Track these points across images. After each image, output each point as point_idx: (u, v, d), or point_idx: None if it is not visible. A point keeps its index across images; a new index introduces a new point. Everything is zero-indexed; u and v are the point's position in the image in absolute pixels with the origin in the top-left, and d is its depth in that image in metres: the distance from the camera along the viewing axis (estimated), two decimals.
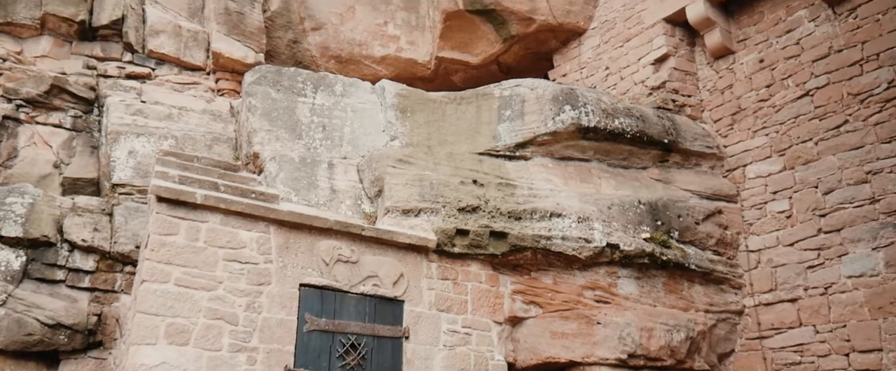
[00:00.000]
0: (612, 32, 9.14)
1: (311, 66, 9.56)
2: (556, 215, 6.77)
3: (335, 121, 7.51)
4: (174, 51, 8.38)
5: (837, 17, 6.93)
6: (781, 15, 7.50)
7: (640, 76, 8.59)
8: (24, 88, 7.10)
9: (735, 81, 7.88)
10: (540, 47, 9.91)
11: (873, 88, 6.49)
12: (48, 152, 7.03)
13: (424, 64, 9.90)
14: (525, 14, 9.39)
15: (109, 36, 8.14)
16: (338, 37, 9.57)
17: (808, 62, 7.11)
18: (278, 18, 9.39)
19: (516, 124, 7.51)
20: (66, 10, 7.77)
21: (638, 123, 7.59)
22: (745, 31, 7.88)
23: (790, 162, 7.11)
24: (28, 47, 7.65)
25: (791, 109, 7.19)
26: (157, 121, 7.33)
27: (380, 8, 9.74)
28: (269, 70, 7.72)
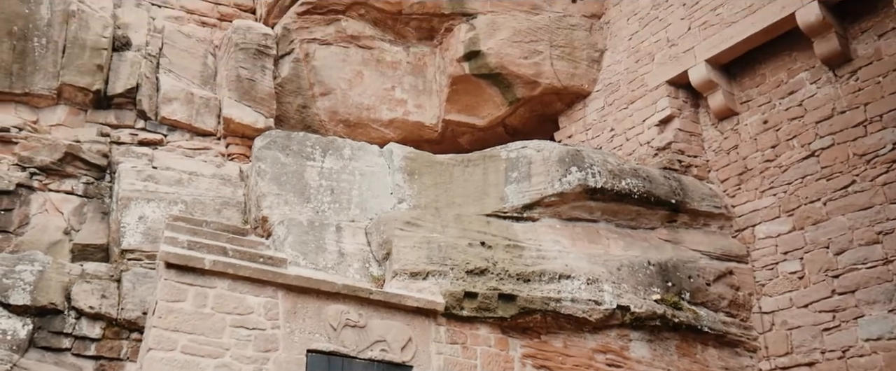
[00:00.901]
0: (617, 95, 9.28)
1: (320, 130, 9.71)
2: (565, 277, 6.72)
3: (343, 184, 7.57)
4: (186, 117, 8.55)
5: (838, 79, 7.03)
6: (783, 77, 7.61)
7: (646, 137, 8.67)
8: (39, 157, 7.23)
9: (740, 142, 7.93)
10: (545, 110, 10.05)
11: (878, 149, 6.52)
12: (59, 219, 7.09)
13: (432, 127, 10.03)
14: (530, 78, 9.57)
15: (124, 104, 8.34)
16: (346, 101, 9.74)
17: (812, 123, 7.17)
18: (288, 84, 9.60)
19: (523, 186, 7.55)
20: (83, 80, 7.98)
21: (645, 184, 7.61)
22: (748, 92, 7.99)
23: (799, 222, 7.08)
24: (44, 116, 7.83)
25: (798, 169, 7.21)
26: (168, 186, 7.41)
27: (387, 73, 9.95)
28: (279, 135, 7.85)
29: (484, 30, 9.57)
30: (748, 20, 7.67)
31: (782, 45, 7.64)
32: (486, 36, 9.54)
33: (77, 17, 8.21)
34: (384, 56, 9.98)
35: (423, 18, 9.84)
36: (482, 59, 9.53)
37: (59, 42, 8.03)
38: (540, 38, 9.64)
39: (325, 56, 9.77)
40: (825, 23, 6.92)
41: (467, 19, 9.67)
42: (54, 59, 7.92)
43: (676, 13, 8.68)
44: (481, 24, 9.60)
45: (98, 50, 8.20)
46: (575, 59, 9.70)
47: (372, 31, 9.95)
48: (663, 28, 8.82)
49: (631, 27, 9.42)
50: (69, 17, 8.18)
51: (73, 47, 8.07)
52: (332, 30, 9.82)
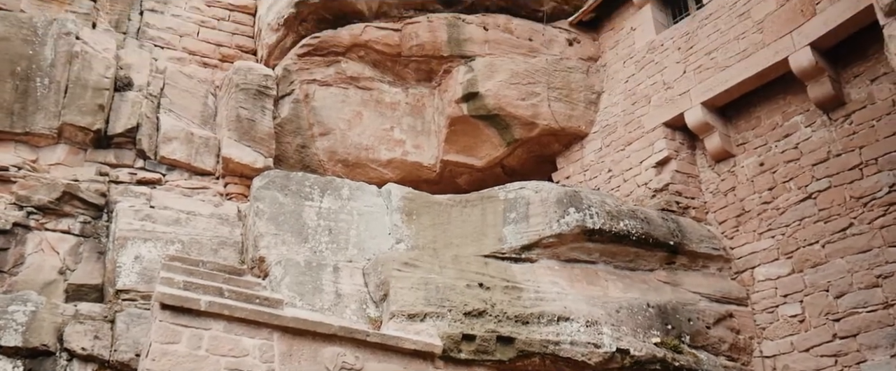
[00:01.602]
0: (614, 136, 9.35)
1: (319, 169, 9.74)
2: (563, 319, 6.66)
3: (341, 224, 7.56)
4: (185, 157, 8.58)
5: (833, 122, 7.10)
6: (778, 120, 7.68)
7: (643, 178, 8.70)
8: (37, 196, 7.22)
9: (737, 184, 7.96)
10: (543, 150, 10.11)
11: (875, 192, 6.55)
12: (55, 258, 7.05)
13: (430, 167, 10.07)
14: (528, 119, 9.65)
15: (123, 143, 8.37)
16: (345, 141, 9.80)
17: (809, 166, 7.21)
18: (288, 125, 9.67)
19: (522, 227, 7.54)
20: (84, 119, 8.03)
21: (643, 225, 7.61)
22: (744, 135, 8.06)
23: (799, 265, 7.06)
24: (43, 155, 7.85)
25: (795, 212, 7.22)
26: (165, 226, 7.39)
27: (386, 114, 10.04)
28: (278, 175, 7.87)
29: (482, 72, 9.69)
30: (742, 64, 7.78)
31: (776, 88, 7.73)
32: (485, 78, 9.65)
33: (80, 58, 8.31)
34: (383, 97, 10.07)
35: (422, 60, 9.97)
36: (480, 101, 9.62)
37: (62, 82, 8.10)
38: (537, 80, 9.76)
39: (324, 97, 9.87)
40: (818, 67, 7.02)
41: (466, 61, 9.80)
42: (56, 98, 7.98)
43: (671, 57, 8.81)
44: (479, 66, 9.72)
45: (100, 90, 8.27)
46: (572, 101, 9.80)
47: (371, 72, 10.07)
48: (659, 71, 8.94)
49: (627, 70, 9.54)
50: (72, 57, 8.27)
51: (76, 87, 8.14)
52: (332, 71, 9.94)
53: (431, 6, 10.08)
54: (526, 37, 10.05)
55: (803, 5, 7.25)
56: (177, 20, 10.28)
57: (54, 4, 8.86)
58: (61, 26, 8.36)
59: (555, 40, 10.15)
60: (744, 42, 7.85)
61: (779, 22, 7.48)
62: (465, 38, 9.87)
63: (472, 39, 9.86)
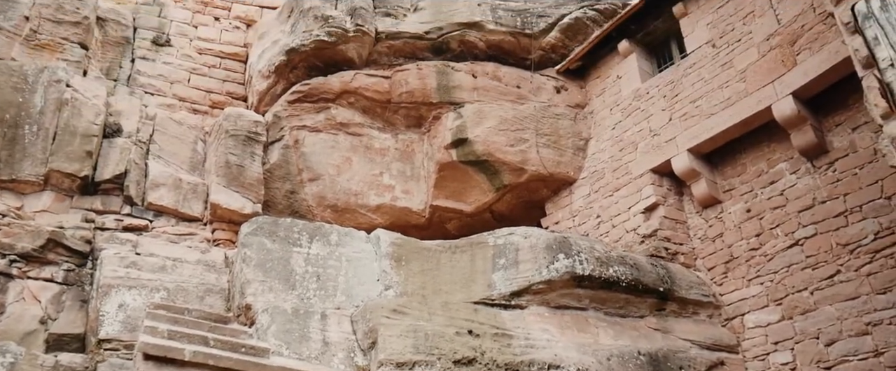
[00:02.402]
0: (602, 182, 9.41)
1: (308, 215, 9.70)
2: (554, 367, 6.58)
3: (330, 270, 7.49)
4: (173, 203, 8.53)
5: (817, 170, 7.20)
6: (763, 167, 7.78)
7: (632, 224, 8.73)
8: (20, 243, 7.13)
9: (725, 230, 8.00)
10: (532, 196, 10.15)
11: (861, 239, 6.59)
12: (36, 307, 6.91)
13: (419, 212, 10.07)
14: (516, 165, 9.72)
15: (111, 190, 8.32)
16: (334, 187, 9.80)
17: (795, 212, 7.27)
18: (277, 170, 9.67)
19: (511, 273, 7.51)
20: (71, 166, 7.99)
21: (632, 272, 7.60)
22: (730, 181, 8.14)
23: (788, 312, 7.05)
24: (29, 203, 7.77)
25: (783, 258, 7.25)
26: (151, 273, 7.30)
27: (376, 159, 10.07)
28: (266, 221, 7.82)
29: (471, 118, 9.79)
30: (726, 112, 7.91)
31: (761, 136, 7.85)
32: (474, 124, 9.75)
33: (70, 105, 8.32)
34: (373, 142, 10.13)
35: (412, 107, 10.07)
36: (469, 147, 9.70)
37: (51, 129, 8.09)
38: (526, 126, 9.87)
39: (314, 142, 9.90)
40: (801, 116, 7.15)
41: (455, 108, 9.91)
42: (44, 145, 7.96)
43: (657, 104, 8.95)
44: (468, 112, 9.83)
45: (89, 137, 8.26)
46: (560, 147, 9.89)
47: (361, 118, 10.14)
48: (645, 118, 9.07)
49: (614, 117, 9.68)
50: (62, 104, 8.29)
51: (64, 134, 8.13)
52: (322, 117, 10.00)
53: (421, 54, 10.25)
54: (514, 84, 10.20)
55: (784, 56, 7.43)
56: (168, 67, 10.37)
57: (46, 52, 8.92)
58: (52, 74, 8.40)
59: (543, 88, 10.31)
60: (727, 91, 8.01)
61: (761, 72, 7.65)
62: (454, 85, 10.00)
63: (461, 86, 10.00)
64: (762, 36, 7.81)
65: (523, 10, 10.47)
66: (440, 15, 10.31)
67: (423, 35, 10.21)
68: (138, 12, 10.70)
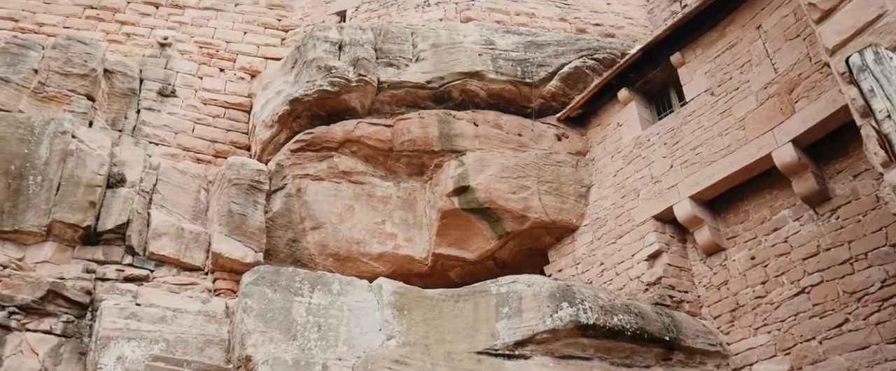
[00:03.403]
0: (604, 229, 9.38)
1: (310, 264, 9.66)
2: None
3: (331, 320, 7.42)
4: (175, 252, 8.51)
5: (820, 217, 7.17)
6: (766, 214, 7.76)
7: (636, 272, 8.66)
8: (20, 295, 7.08)
9: (730, 278, 7.93)
10: (535, 243, 10.10)
11: (867, 287, 6.52)
12: (34, 360, 6.82)
13: (421, 260, 10.01)
14: (519, 212, 9.71)
15: (112, 240, 8.32)
16: (336, 235, 9.77)
17: (799, 260, 7.21)
18: (279, 219, 9.67)
19: (514, 322, 7.42)
20: (74, 216, 8.01)
21: (637, 320, 7.50)
22: (734, 228, 8.11)
23: (797, 362, 6.92)
24: (30, 253, 7.76)
25: (790, 307, 7.16)
26: (151, 324, 7.23)
27: (378, 207, 10.08)
28: (267, 270, 7.78)
29: (473, 166, 9.83)
30: (727, 160, 7.94)
31: (762, 182, 7.86)
32: (475, 172, 9.79)
33: (75, 156, 8.39)
34: (375, 191, 10.15)
35: (414, 155, 10.13)
36: (471, 194, 9.71)
37: (55, 180, 8.14)
38: (527, 173, 9.90)
39: (316, 191, 9.93)
40: (801, 163, 7.17)
41: (456, 156, 9.97)
42: (48, 196, 7.99)
43: (658, 152, 9.00)
44: (470, 160, 9.88)
45: (92, 187, 8.30)
46: (562, 195, 9.90)
47: (363, 166, 10.19)
48: (646, 165, 9.10)
49: (615, 164, 9.71)
50: (67, 155, 8.36)
51: (68, 185, 8.18)
52: (325, 166, 10.05)
53: (423, 103, 10.36)
54: (515, 132, 10.29)
55: (782, 104, 7.50)
56: (173, 118, 10.50)
57: (53, 104, 9.06)
58: (58, 125, 8.50)
59: (544, 135, 10.38)
60: (727, 138, 8.05)
61: (760, 119, 7.71)
62: (455, 134, 10.08)
63: (463, 135, 10.08)
64: (760, 84, 7.90)
65: (523, 60, 10.64)
66: (441, 65, 10.47)
67: (425, 84, 10.35)
68: (145, 64, 10.90)
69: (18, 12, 11.56)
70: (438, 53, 10.62)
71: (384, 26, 11.17)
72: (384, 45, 10.77)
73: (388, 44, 10.78)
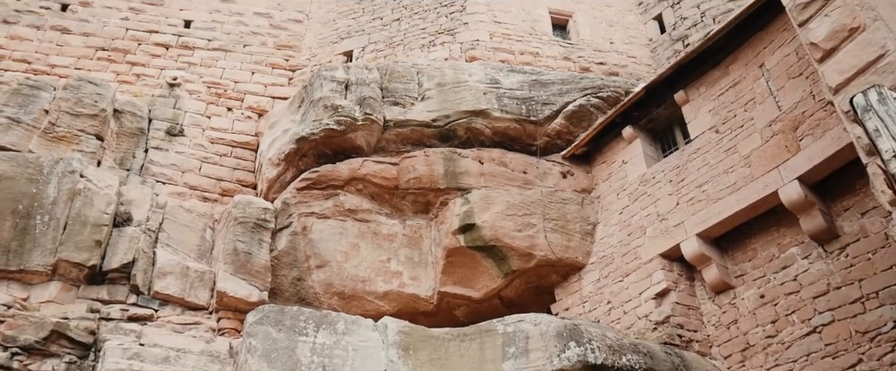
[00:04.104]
0: (611, 267, 9.31)
1: (314, 302, 9.60)
2: None
3: (336, 360, 7.33)
4: (179, 291, 8.48)
5: (829, 255, 7.10)
6: (774, 252, 7.69)
7: (644, 310, 8.56)
8: (23, 335, 7.05)
9: (739, 317, 7.83)
10: (541, 281, 10.02)
11: (880, 327, 6.41)
12: None
13: (427, 299, 9.93)
14: (525, 250, 9.66)
15: (117, 279, 8.31)
16: (342, 274, 9.73)
17: (810, 298, 7.12)
18: (284, 257, 9.65)
19: (521, 362, 7.31)
20: (80, 256, 8.02)
21: (646, 360, 7.37)
22: (742, 266, 8.03)
23: None
24: (35, 293, 7.75)
25: (801, 347, 7.03)
26: (154, 364, 7.17)
27: (383, 245, 10.05)
28: (272, 309, 7.73)
29: (478, 204, 9.83)
30: (733, 197, 7.91)
31: (770, 220, 7.81)
32: (481, 209, 9.78)
33: (82, 195, 8.45)
34: (381, 229, 10.14)
35: (419, 193, 10.15)
36: (477, 232, 9.68)
37: (62, 219, 8.18)
38: (533, 211, 9.88)
39: (322, 229, 9.93)
40: (808, 201, 7.13)
41: (462, 194, 9.97)
42: (54, 235, 8.02)
43: (664, 189, 8.98)
44: (476, 198, 9.88)
45: (99, 226, 8.34)
46: (568, 232, 9.86)
47: (369, 204, 10.21)
48: (652, 203, 9.07)
49: (621, 202, 9.70)
50: (75, 194, 8.42)
51: (75, 224, 8.21)
52: (331, 204, 10.07)
53: (428, 141, 10.42)
54: (520, 170, 10.30)
55: (787, 141, 7.51)
56: (180, 157, 10.59)
57: (63, 144, 9.16)
58: (67, 165, 8.58)
59: (549, 173, 10.40)
60: (733, 175, 8.04)
61: (765, 157, 7.71)
62: (461, 171, 10.11)
63: (468, 172, 10.10)
64: (764, 122, 7.92)
65: (528, 99, 10.72)
66: (447, 103, 10.56)
67: (431, 123, 10.42)
68: (154, 104, 11.05)
69: (32, 54, 11.79)
70: (444, 92, 10.72)
71: (390, 66, 11.31)
72: (390, 84, 10.89)
73: (393, 83, 10.91)
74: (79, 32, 12.38)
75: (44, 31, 12.22)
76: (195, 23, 13.29)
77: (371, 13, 13.88)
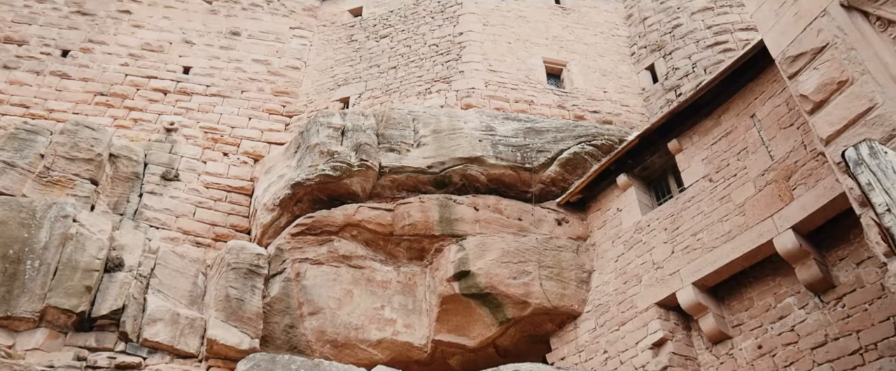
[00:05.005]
0: (607, 316, 9.22)
1: (306, 350, 9.43)
2: None
3: None
4: (169, 339, 8.34)
5: (825, 305, 7.05)
6: (771, 301, 7.63)
7: (641, 360, 8.43)
8: None
9: (737, 368, 7.71)
10: (536, 330, 9.89)
11: None
12: None
13: (421, 348, 9.77)
14: (520, 298, 9.57)
15: (106, 325, 8.18)
16: (335, 321, 9.60)
17: (808, 349, 7.03)
18: (277, 304, 9.53)
19: None
20: (69, 302, 7.91)
21: None
22: (739, 316, 7.95)
23: None
24: (21, 340, 7.61)
25: None
26: None
27: (377, 292, 9.95)
28: (263, 358, 7.61)
29: (473, 250, 9.78)
30: (728, 246, 7.89)
31: (765, 269, 7.77)
32: (476, 256, 9.72)
33: (74, 240, 8.39)
34: (375, 275, 10.06)
35: (414, 239, 10.11)
36: (472, 279, 9.61)
37: (52, 264, 8.10)
38: (528, 258, 9.83)
39: (315, 275, 9.84)
40: (803, 250, 7.12)
41: (457, 240, 9.93)
42: (44, 281, 7.92)
43: (659, 237, 8.97)
44: (471, 244, 9.84)
45: (90, 271, 8.25)
46: (564, 280, 9.79)
47: (364, 250, 10.15)
48: (648, 251, 9.04)
49: (616, 249, 9.66)
50: (67, 239, 8.35)
51: (65, 269, 8.12)
52: (325, 250, 10.01)
53: (423, 188, 10.44)
54: (515, 217, 10.30)
55: (781, 191, 7.54)
56: (174, 201, 10.56)
57: (57, 188, 9.14)
58: (60, 209, 8.54)
59: (544, 220, 10.39)
60: (728, 224, 8.05)
61: (759, 206, 7.73)
62: (456, 218, 10.10)
63: (463, 219, 10.09)
64: (757, 171, 7.97)
65: (523, 146, 10.80)
66: (442, 150, 10.62)
67: (426, 169, 10.46)
68: (150, 149, 11.07)
69: (30, 99, 11.87)
70: (439, 139, 10.80)
71: (386, 112, 11.41)
72: (386, 130, 10.97)
73: (390, 129, 10.99)
74: (78, 78, 12.50)
75: (43, 76, 12.33)
76: (194, 69, 13.45)
77: (368, 61, 14.09)
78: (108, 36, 13.41)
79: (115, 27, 13.60)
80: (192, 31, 13.98)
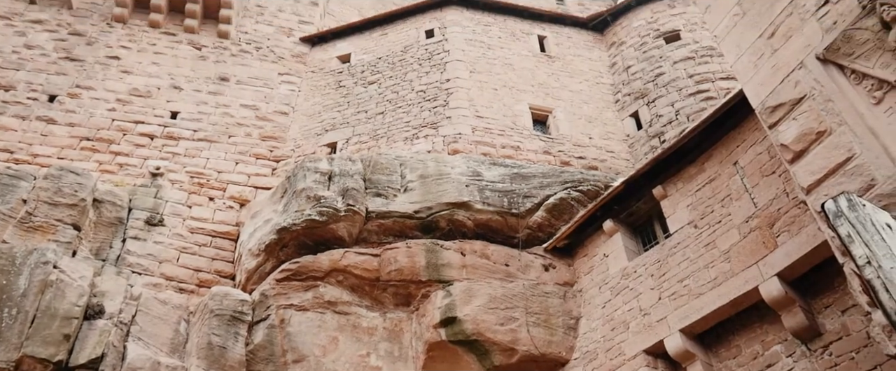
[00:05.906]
0: (595, 363, 9.13)
1: None
2: None
3: None
4: None
5: (812, 353, 7.03)
6: (758, 349, 7.61)
7: None
8: None
9: None
10: None
11: None
12: None
13: None
14: (507, 345, 9.47)
15: None
16: (319, 369, 9.43)
17: None
18: (260, 351, 9.36)
19: None
20: (46, 351, 7.73)
21: None
22: (727, 363, 7.91)
23: None
24: None
25: None
26: None
27: (363, 339, 9.82)
28: None
29: (460, 296, 9.72)
30: (715, 292, 7.90)
31: (752, 316, 7.75)
32: (463, 302, 9.66)
33: (54, 287, 8.25)
34: (361, 321, 9.95)
35: (401, 285, 10.03)
36: (459, 326, 9.52)
37: (31, 312, 7.94)
38: (515, 304, 9.77)
39: (300, 321, 9.71)
40: (788, 297, 7.13)
41: (444, 286, 9.88)
42: (21, 329, 7.76)
43: (646, 283, 8.96)
44: (457, 290, 9.78)
45: (69, 319, 8.10)
46: (551, 326, 9.72)
47: (349, 296, 10.06)
48: (635, 297, 9.02)
49: (603, 295, 9.63)
50: (46, 286, 8.22)
51: (44, 317, 7.97)
52: (310, 296, 9.91)
53: (410, 233, 10.42)
54: (502, 262, 10.27)
55: (765, 238, 7.60)
56: (158, 247, 10.45)
57: (38, 234, 9.03)
58: (40, 256, 8.43)
59: (531, 266, 10.37)
60: (713, 270, 8.07)
61: (744, 253, 7.77)
62: (443, 263, 10.06)
63: (450, 264, 10.05)
64: (741, 218, 8.04)
65: (509, 191, 10.85)
66: (429, 195, 10.64)
67: (413, 214, 10.46)
68: (135, 194, 11.00)
69: (15, 144, 11.81)
70: (426, 184, 10.83)
71: (373, 158, 11.46)
72: (373, 175, 11.00)
73: (377, 174, 11.02)
74: (64, 123, 12.48)
75: (29, 121, 12.31)
76: (182, 114, 13.49)
77: (356, 106, 14.21)
78: (97, 81, 13.46)
79: (104, 73, 13.67)
80: (181, 77, 14.07)
